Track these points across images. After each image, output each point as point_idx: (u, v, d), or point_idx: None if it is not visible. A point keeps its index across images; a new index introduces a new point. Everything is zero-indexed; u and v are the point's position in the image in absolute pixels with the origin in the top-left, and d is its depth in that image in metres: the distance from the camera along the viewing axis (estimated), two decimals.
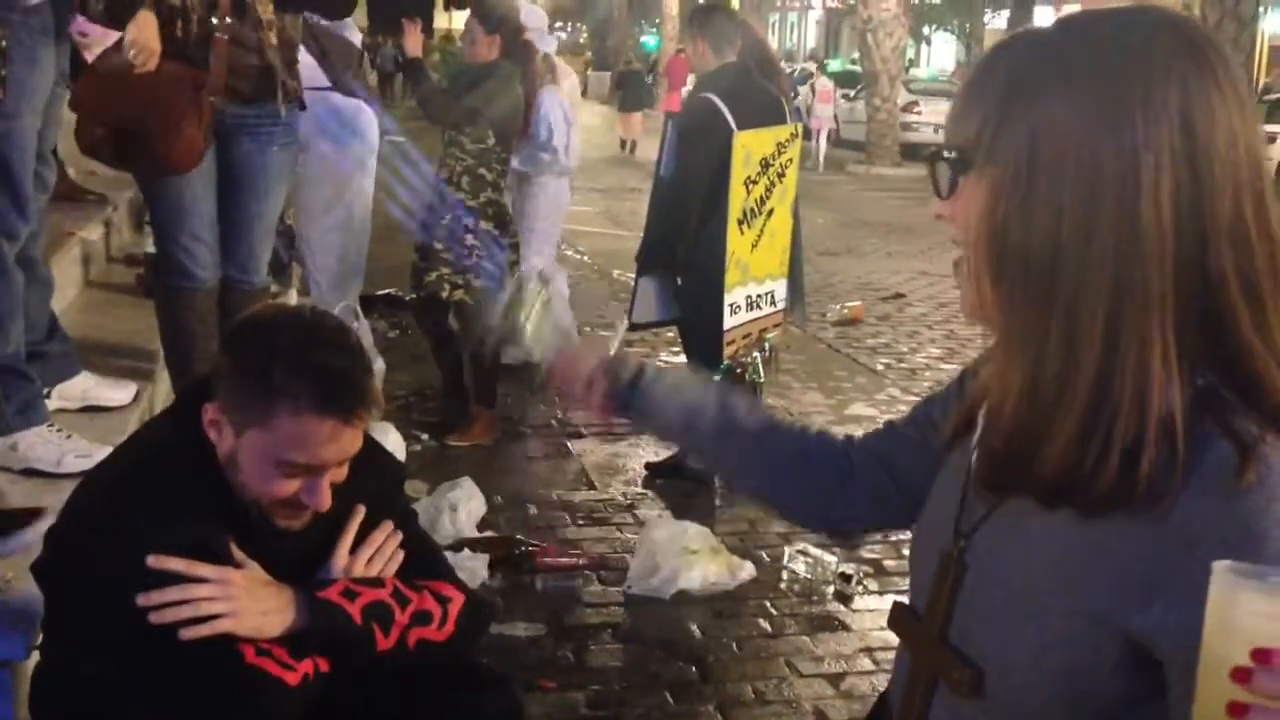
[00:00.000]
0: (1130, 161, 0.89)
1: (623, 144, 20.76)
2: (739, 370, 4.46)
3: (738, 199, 4.23)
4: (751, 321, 4.47)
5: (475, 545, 3.73)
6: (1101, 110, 0.90)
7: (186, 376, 3.18)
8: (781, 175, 4.46)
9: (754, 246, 4.40)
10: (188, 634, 1.46)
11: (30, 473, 2.56)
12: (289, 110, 3.27)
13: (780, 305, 4.63)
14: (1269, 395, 0.90)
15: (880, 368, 6.56)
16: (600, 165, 17.42)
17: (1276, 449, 0.87)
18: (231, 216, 3.33)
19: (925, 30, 34.48)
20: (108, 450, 2.40)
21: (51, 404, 2.85)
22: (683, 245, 4.42)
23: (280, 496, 1.57)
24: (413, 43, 4.95)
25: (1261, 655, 0.70)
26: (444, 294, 4.77)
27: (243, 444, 1.55)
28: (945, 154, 0.99)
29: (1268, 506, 0.85)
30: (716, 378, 4.44)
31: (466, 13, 7.01)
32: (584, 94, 21.97)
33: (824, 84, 20.07)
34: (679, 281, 4.59)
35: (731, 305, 4.33)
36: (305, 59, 5.10)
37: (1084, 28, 0.95)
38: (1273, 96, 18.40)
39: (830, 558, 3.80)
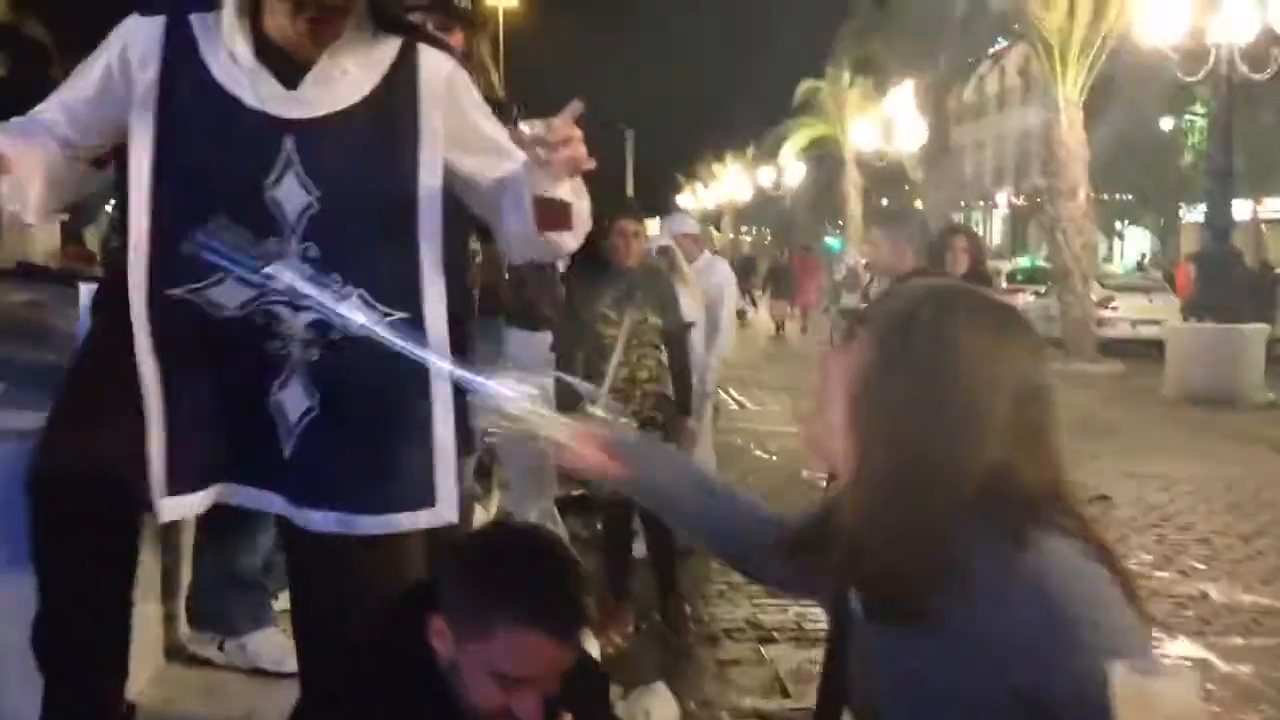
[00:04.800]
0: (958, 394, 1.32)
1: (776, 326, 24.05)
2: None
3: None
4: None
5: None
6: (909, 361, 1.34)
7: None
8: None
9: None
10: None
11: (256, 671, 2.67)
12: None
13: None
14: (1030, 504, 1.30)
15: None
16: (791, 364, 17.56)
17: (1045, 532, 1.27)
18: None
19: (1118, 225, 33.99)
20: None
21: (279, 605, 3.00)
22: None
23: (494, 706, 1.62)
24: None
25: None
26: None
27: (463, 654, 1.62)
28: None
29: (1044, 567, 1.24)
30: None
31: (654, 219, 7.33)
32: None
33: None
34: None
35: None
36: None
37: (903, 300, 1.41)
38: None
39: None
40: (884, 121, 28.31)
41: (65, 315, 2.75)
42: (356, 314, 2.04)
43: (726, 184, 53.21)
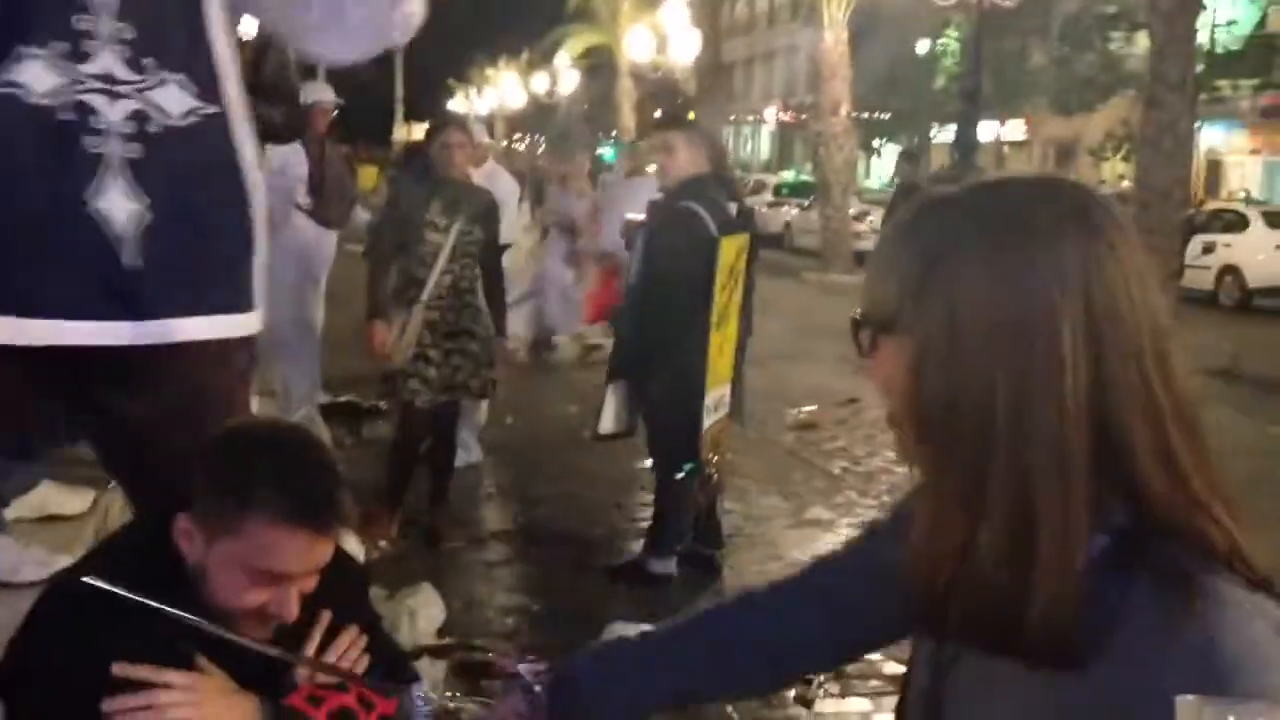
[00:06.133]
0: (1052, 337, 0.92)
1: (542, 234, 23.27)
2: (707, 472, 4.52)
3: (717, 303, 4.33)
4: (715, 424, 4.54)
5: (434, 652, 3.70)
6: (1016, 284, 0.93)
7: None
8: (737, 282, 4.56)
9: (720, 350, 4.48)
10: None
11: None
12: None
13: (728, 409, 4.70)
14: (1196, 539, 0.92)
15: (838, 471, 6.61)
16: None
17: (1215, 578, 0.90)
18: None
19: (875, 143, 35.42)
20: (64, 559, 2.39)
21: (9, 512, 2.83)
22: (662, 349, 4.48)
23: (248, 606, 1.58)
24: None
25: None
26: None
27: (213, 553, 1.56)
28: (864, 318, 1.03)
29: (1216, 635, 0.87)
30: (682, 474, 4.49)
31: (424, 124, 7.26)
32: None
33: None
34: (651, 387, 4.64)
35: (705, 407, 4.40)
36: (298, 172, 5.31)
37: (998, 197, 0.99)
38: (1210, 207, 19.03)
39: None
40: (658, 32, 28.40)
41: None
42: (177, 102, 1.98)
43: (500, 90, 52.36)
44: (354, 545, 4.16)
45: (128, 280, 1.97)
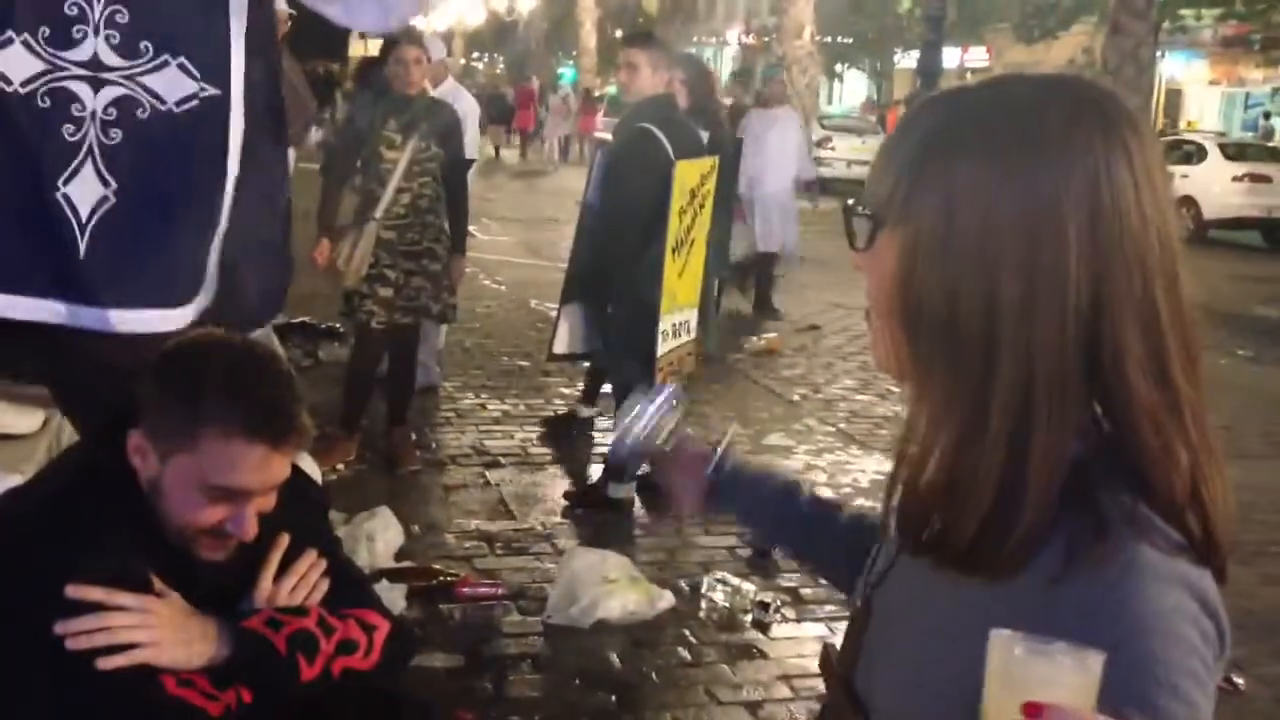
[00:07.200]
0: (1057, 244, 0.88)
1: (495, 150, 24.93)
2: None
3: (673, 227, 4.29)
4: (676, 349, 4.52)
5: (393, 575, 3.70)
6: (1021, 186, 0.89)
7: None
8: (701, 206, 4.52)
9: (680, 275, 4.45)
10: (107, 663, 1.43)
11: None
12: None
13: (693, 334, 4.68)
14: (1156, 477, 0.90)
15: (797, 398, 6.64)
16: (516, 193, 17.43)
17: (1139, 533, 0.86)
18: None
19: (838, 68, 35.13)
20: (14, 478, 2.34)
21: None
22: (619, 272, 4.43)
23: (205, 524, 1.55)
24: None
25: (1032, 709, 0.75)
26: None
27: (168, 470, 1.53)
28: (860, 209, 0.99)
29: (1109, 590, 0.85)
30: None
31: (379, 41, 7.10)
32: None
33: (556, 100, 25.98)
34: (609, 310, 4.61)
35: (663, 332, 4.37)
36: None
37: (1005, 94, 0.95)
38: (1169, 138, 19.09)
39: (749, 586, 3.84)
40: None
41: None
42: (174, 87, 1.94)
43: (456, 4, 51.25)
44: (312, 468, 4.13)
45: (78, 264, 1.97)
